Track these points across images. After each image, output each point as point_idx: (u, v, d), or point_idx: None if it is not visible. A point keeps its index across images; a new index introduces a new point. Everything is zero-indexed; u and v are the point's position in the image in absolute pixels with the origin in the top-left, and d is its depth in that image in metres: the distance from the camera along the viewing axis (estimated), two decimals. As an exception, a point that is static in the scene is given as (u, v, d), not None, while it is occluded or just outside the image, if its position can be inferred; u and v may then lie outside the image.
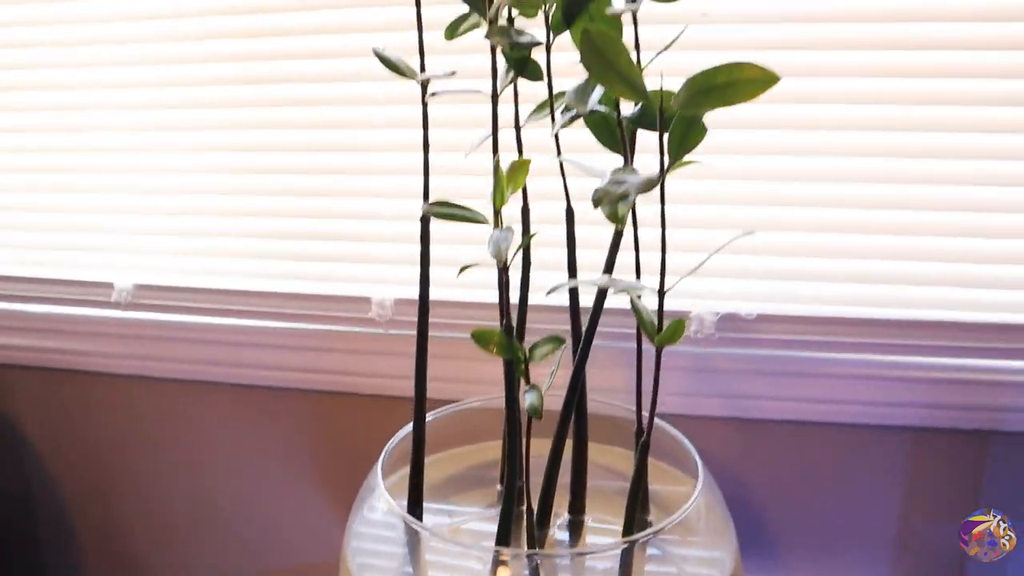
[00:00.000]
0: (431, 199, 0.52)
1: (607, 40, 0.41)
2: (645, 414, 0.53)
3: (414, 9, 0.52)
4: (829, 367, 0.74)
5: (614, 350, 0.73)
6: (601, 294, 0.50)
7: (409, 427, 0.61)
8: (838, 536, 0.80)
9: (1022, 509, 0.74)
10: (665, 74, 0.41)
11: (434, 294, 0.58)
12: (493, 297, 0.51)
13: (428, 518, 0.62)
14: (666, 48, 0.44)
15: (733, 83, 0.37)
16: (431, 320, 0.58)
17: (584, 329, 0.52)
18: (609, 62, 0.41)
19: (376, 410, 0.84)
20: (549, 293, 0.45)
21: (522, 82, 0.52)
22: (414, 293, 0.79)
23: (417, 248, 0.57)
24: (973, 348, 0.72)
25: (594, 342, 0.55)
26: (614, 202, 0.38)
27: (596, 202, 0.38)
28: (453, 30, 0.54)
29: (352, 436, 0.87)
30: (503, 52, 0.50)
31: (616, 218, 0.46)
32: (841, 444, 0.77)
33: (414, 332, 0.73)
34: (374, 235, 0.81)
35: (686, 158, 0.43)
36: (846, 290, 0.73)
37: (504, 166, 0.48)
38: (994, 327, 0.71)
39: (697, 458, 0.59)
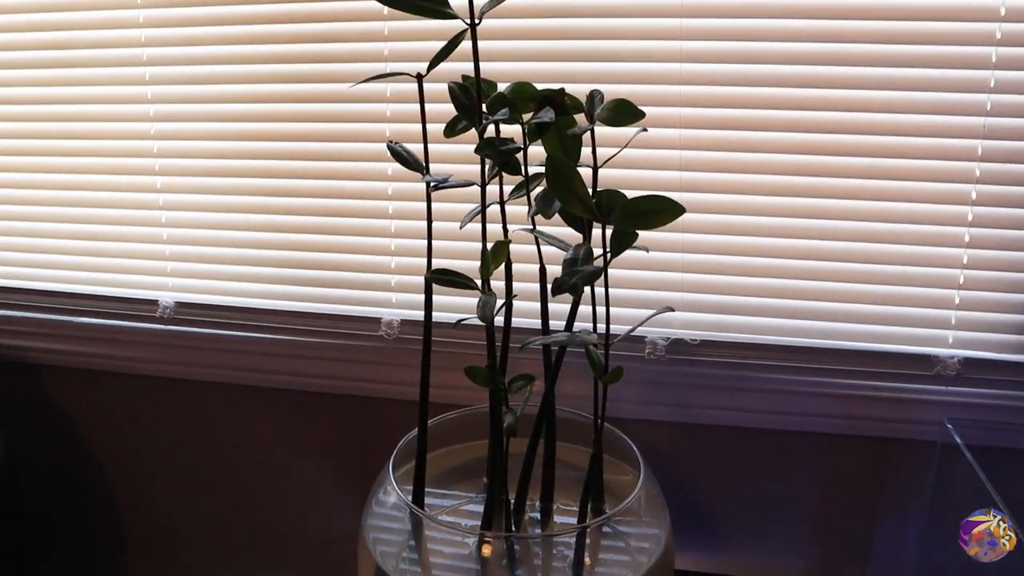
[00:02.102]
0: (433, 267, 0.67)
1: (566, 166, 0.56)
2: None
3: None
4: (759, 384, 0.89)
5: (580, 365, 0.88)
6: (560, 351, 0.66)
7: (414, 432, 0.76)
8: (765, 521, 0.95)
9: (913, 503, 0.90)
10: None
11: (435, 316, 0.71)
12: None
13: (430, 501, 0.78)
14: (610, 159, 0.60)
15: (653, 211, 0.52)
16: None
17: (552, 367, 0.68)
18: (567, 184, 0.56)
19: (381, 411, 1.00)
20: (521, 349, 0.60)
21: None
22: (416, 315, 0.95)
23: (417, 278, 0.73)
24: (877, 372, 0.87)
25: (564, 359, 0.70)
26: (571, 289, 0.53)
27: (555, 291, 0.54)
28: (451, 129, 0.68)
29: (362, 432, 1.02)
30: (488, 155, 0.65)
31: (575, 293, 0.61)
32: (768, 446, 0.92)
33: (417, 348, 0.90)
34: (383, 267, 0.96)
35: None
36: (774, 323, 0.88)
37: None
38: (894, 355, 0.86)
39: (640, 458, 0.75)
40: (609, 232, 0.59)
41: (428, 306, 0.69)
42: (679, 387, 0.91)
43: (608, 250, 0.58)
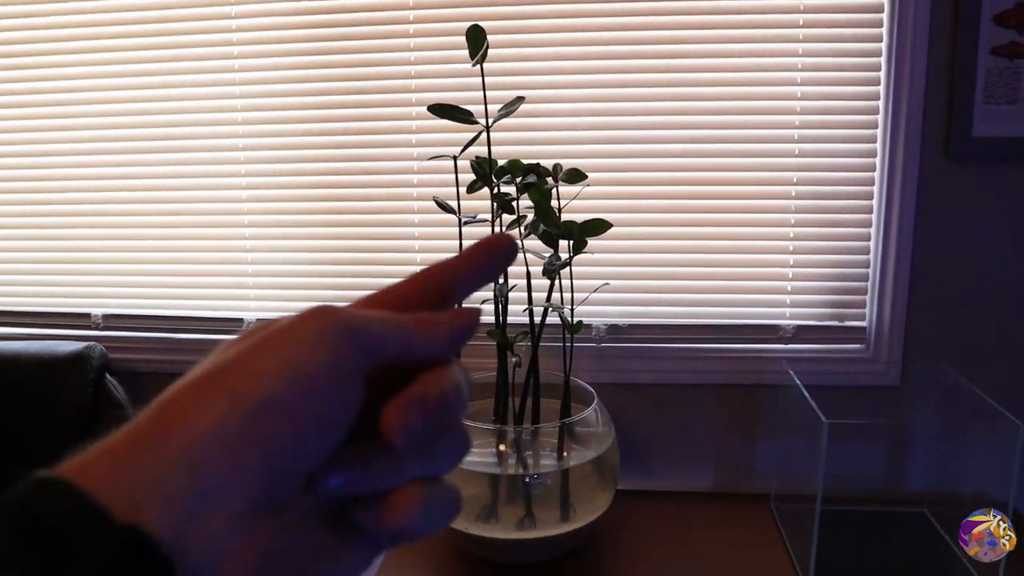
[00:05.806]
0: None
1: (547, 207, 1.01)
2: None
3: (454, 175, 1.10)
4: (669, 352, 1.33)
5: (553, 348, 1.31)
6: (544, 311, 1.09)
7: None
8: (680, 450, 1.38)
9: (778, 427, 1.34)
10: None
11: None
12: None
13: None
14: (566, 205, 1.04)
15: (595, 227, 0.97)
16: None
17: (537, 329, 1.11)
18: (548, 216, 1.00)
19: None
20: (524, 311, 1.03)
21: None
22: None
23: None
24: (743, 338, 1.32)
25: (540, 344, 1.13)
26: (550, 274, 0.97)
27: (543, 273, 0.98)
28: (472, 188, 1.12)
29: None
30: (497, 203, 1.08)
31: (552, 278, 1.05)
32: (678, 397, 1.35)
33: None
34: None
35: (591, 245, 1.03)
36: (678, 309, 1.33)
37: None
38: (753, 327, 1.32)
39: (594, 392, 1.18)
40: (571, 245, 1.03)
41: (460, 296, 1.12)
42: (616, 358, 1.35)
43: (570, 252, 1.02)
